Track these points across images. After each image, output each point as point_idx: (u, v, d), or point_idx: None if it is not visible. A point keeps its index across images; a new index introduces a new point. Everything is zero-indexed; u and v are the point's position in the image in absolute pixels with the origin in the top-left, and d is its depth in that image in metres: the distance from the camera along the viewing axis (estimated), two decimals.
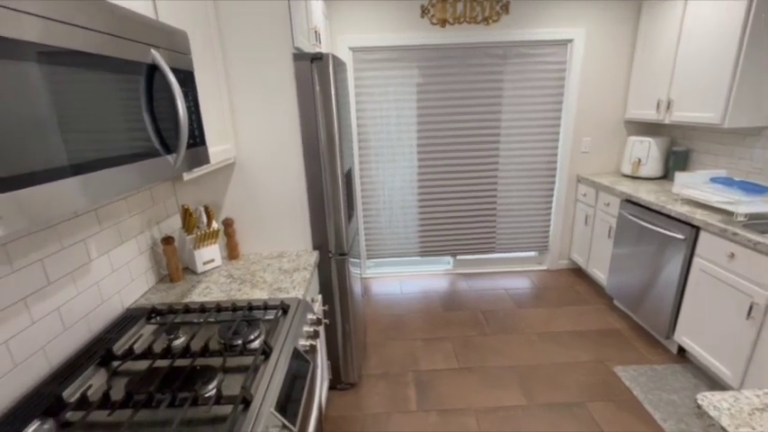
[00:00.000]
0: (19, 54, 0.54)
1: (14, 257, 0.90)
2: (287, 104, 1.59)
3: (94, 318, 1.15)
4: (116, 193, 0.74)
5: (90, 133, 0.68)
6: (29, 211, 0.56)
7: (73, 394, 0.91)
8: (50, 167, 0.60)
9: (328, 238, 1.78)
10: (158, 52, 0.87)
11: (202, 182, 1.66)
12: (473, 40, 2.84)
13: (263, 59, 1.53)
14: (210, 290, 1.41)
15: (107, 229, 1.21)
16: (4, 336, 0.87)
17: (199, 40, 1.31)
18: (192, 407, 0.84)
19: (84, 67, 0.66)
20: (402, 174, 3.17)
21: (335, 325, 1.91)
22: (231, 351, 1.01)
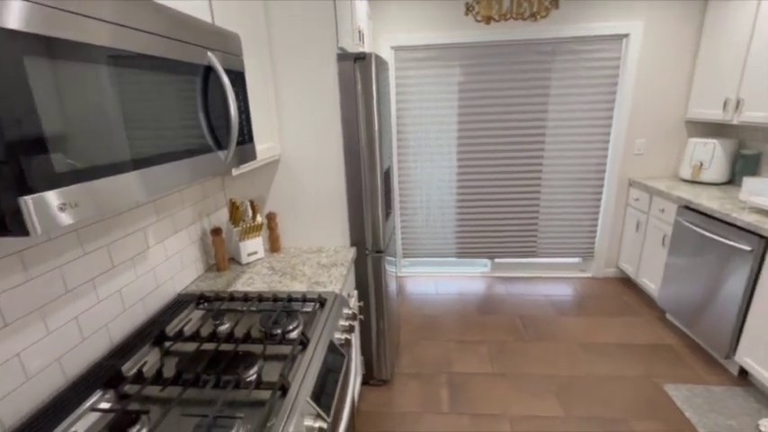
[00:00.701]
0: (92, 57, 0.60)
1: (86, 242, 1.00)
2: (329, 103, 1.63)
3: (150, 300, 1.24)
4: (172, 187, 0.80)
5: (150, 130, 0.74)
6: (98, 200, 0.62)
7: (130, 369, 0.99)
8: (116, 161, 0.65)
9: (365, 235, 1.80)
10: (214, 54, 0.93)
11: (249, 177, 1.74)
12: (519, 36, 2.75)
13: (309, 60, 1.58)
14: (253, 280, 1.48)
15: (163, 219, 1.31)
16: (74, 312, 0.96)
17: (250, 42, 1.38)
18: (234, 389, 0.88)
19: (147, 69, 0.72)
20: (440, 173, 3.14)
21: (370, 321, 1.93)
22: (271, 339, 1.06)
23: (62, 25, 0.54)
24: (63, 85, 0.55)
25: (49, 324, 0.90)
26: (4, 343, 0.80)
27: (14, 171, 0.50)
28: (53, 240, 0.91)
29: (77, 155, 0.58)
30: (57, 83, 0.54)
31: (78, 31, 0.57)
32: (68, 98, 0.56)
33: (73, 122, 0.57)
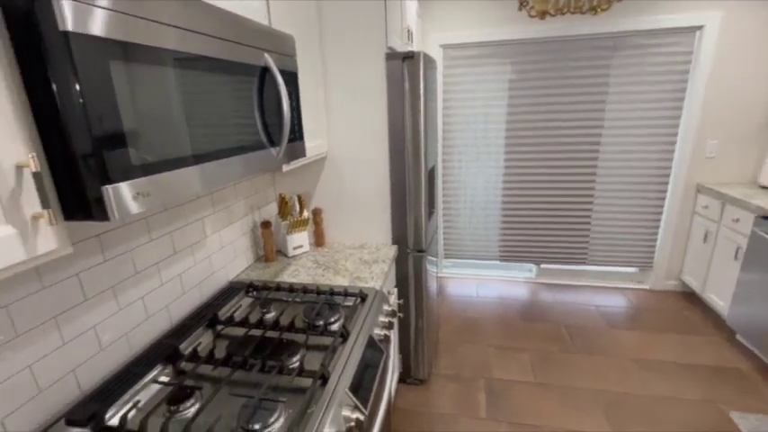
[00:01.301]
0: (161, 60, 0.65)
1: (152, 229, 1.09)
2: (377, 102, 1.65)
3: (205, 286, 1.33)
4: (228, 180, 0.85)
5: (210, 128, 0.79)
6: (165, 191, 0.68)
7: (187, 348, 1.07)
8: (180, 156, 0.71)
9: (407, 233, 1.81)
10: (270, 56, 0.98)
11: (297, 173, 1.81)
12: (577, 31, 2.61)
13: (358, 59, 1.61)
14: (298, 272, 1.54)
15: (219, 211, 1.40)
16: (142, 292, 1.06)
17: (302, 43, 1.43)
18: (278, 375, 0.93)
19: (208, 70, 0.77)
20: (486, 174, 3.06)
21: (409, 320, 1.94)
22: (313, 330, 1.10)
23: (137, 31, 0.60)
24: (136, 85, 0.61)
25: (120, 301, 1.00)
26: (84, 316, 0.90)
27: (99, 163, 0.56)
28: (126, 227, 1.01)
29: (148, 150, 0.64)
30: (131, 84, 0.60)
31: (150, 36, 0.63)
32: (141, 98, 0.62)
33: (144, 120, 0.63)
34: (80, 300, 0.89)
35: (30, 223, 0.53)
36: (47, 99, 0.54)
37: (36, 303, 0.80)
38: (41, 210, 0.53)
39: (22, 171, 0.52)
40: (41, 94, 0.54)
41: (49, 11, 0.49)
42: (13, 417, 0.77)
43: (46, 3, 0.49)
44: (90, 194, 0.57)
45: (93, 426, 0.80)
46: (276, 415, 0.81)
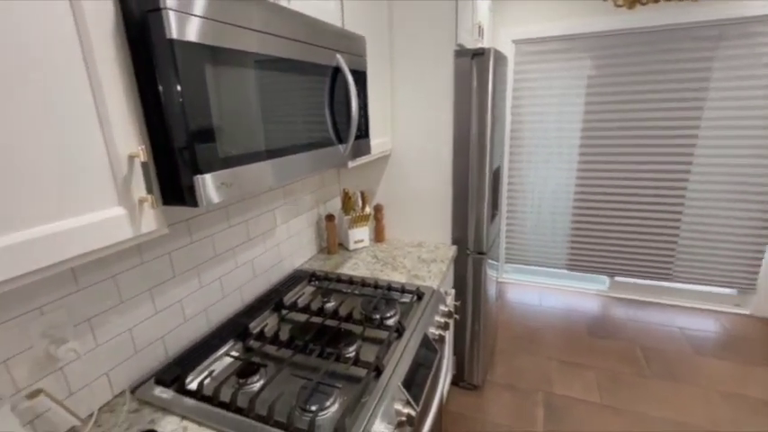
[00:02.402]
0: (243, 62, 0.71)
1: (231, 217, 1.20)
2: (443, 100, 1.64)
3: (273, 272, 1.43)
4: (299, 175, 0.91)
5: (283, 124, 0.84)
6: (244, 182, 0.74)
7: (255, 328, 1.16)
8: (257, 151, 0.77)
9: (468, 234, 1.77)
10: (342, 56, 1.02)
11: (362, 170, 1.86)
12: (673, 20, 2.34)
13: (426, 57, 1.61)
14: (358, 266, 1.59)
15: (288, 203, 1.49)
16: (219, 273, 1.17)
17: (372, 42, 1.46)
18: (335, 362, 0.97)
19: (284, 71, 0.83)
20: (556, 176, 2.88)
21: (465, 322, 1.90)
22: (370, 323, 1.13)
23: (226, 36, 0.66)
24: (223, 86, 0.67)
25: (201, 280, 1.11)
26: (173, 290, 1.02)
27: (192, 155, 0.63)
28: (209, 213, 1.12)
29: (231, 144, 0.70)
30: (219, 84, 0.66)
31: (237, 41, 0.69)
32: (226, 97, 0.68)
33: (228, 117, 0.69)
34: (170, 276, 1.01)
35: (137, 206, 0.62)
36: (153, 99, 0.62)
37: (136, 276, 0.93)
38: (146, 194, 0.62)
39: (132, 161, 0.60)
40: (149, 95, 0.62)
41: (160, 21, 0.57)
42: (116, 370, 0.90)
43: (158, 14, 0.56)
44: (184, 183, 0.64)
45: (176, 387, 0.90)
46: (332, 399, 0.85)
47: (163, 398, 0.88)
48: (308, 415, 0.81)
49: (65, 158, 0.52)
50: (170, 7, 0.57)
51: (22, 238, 0.48)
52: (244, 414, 0.82)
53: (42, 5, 0.49)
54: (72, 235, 0.53)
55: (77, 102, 0.53)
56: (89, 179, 0.56)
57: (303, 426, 0.78)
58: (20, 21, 0.47)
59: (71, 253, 0.53)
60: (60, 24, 0.51)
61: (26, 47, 0.47)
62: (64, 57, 0.51)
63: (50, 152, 0.51)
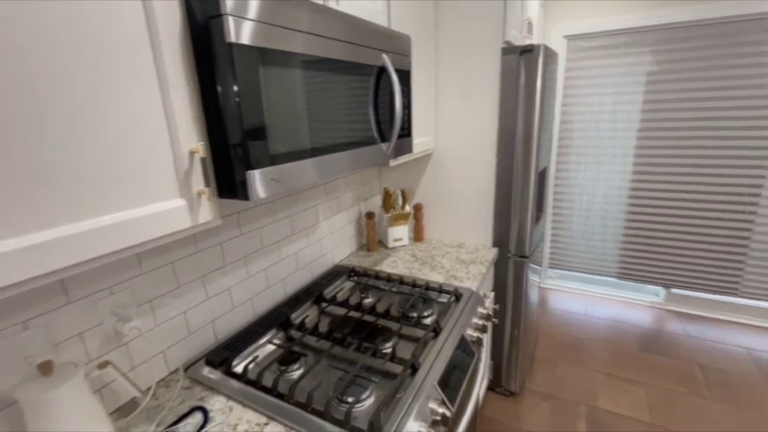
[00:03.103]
0: (291, 63, 0.74)
1: (277, 211, 1.26)
2: (488, 99, 1.60)
3: (315, 266, 1.48)
4: (342, 172, 0.93)
5: (327, 123, 0.87)
6: (290, 179, 0.77)
7: (296, 318, 1.21)
8: (304, 149, 0.80)
9: (510, 237, 1.72)
10: (387, 56, 1.03)
11: (403, 169, 1.87)
12: (751, 10, 2.12)
13: (471, 55, 1.58)
14: (396, 264, 1.60)
15: (330, 200, 1.53)
16: (265, 264, 1.23)
17: (417, 41, 1.46)
18: (372, 357, 0.99)
19: (331, 71, 0.85)
20: (608, 179, 2.72)
21: (504, 327, 1.85)
22: (407, 321, 1.14)
23: (276, 38, 0.69)
24: (273, 86, 0.70)
25: (248, 270, 1.17)
26: (222, 279, 1.09)
27: (245, 152, 0.67)
28: (257, 207, 1.18)
29: (279, 142, 0.74)
30: (270, 84, 0.70)
31: (287, 43, 0.72)
32: (275, 97, 0.71)
33: (277, 116, 0.72)
34: (221, 265, 1.08)
35: (195, 198, 0.66)
36: (212, 98, 0.66)
37: (191, 263, 1.00)
38: (204, 187, 0.66)
39: (193, 156, 0.65)
40: (209, 95, 0.66)
41: (220, 26, 0.61)
42: (171, 349, 0.97)
43: (219, 20, 0.60)
44: (237, 177, 0.68)
45: (223, 369, 0.96)
46: (368, 393, 0.87)
47: (211, 378, 0.94)
48: (345, 406, 0.83)
49: (140, 154, 0.58)
50: (230, 13, 0.60)
51: (104, 223, 0.54)
52: (284, 399, 0.85)
53: (120, 16, 0.54)
54: (142, 222, 0.58)
55: (150, 100, 0.59)
56: (157, 172, 0.61)
57: (339, 416, 0.80)
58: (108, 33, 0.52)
59: (141, 238, 0.58)
60: (137, 34, 0.56)
61: (113, 54, 0.53)
62: (141, 61, 0.57)
63: (130, 148, 0.56)
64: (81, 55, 0.50)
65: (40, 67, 0.46)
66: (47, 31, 0.47)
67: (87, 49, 0.51)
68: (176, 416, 0.84)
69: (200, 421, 0.82)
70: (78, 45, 0.50)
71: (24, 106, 0.46)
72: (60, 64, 0.48)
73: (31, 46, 0.45)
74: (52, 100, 0.48)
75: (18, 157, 0.46)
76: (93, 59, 0.51)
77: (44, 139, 0.48)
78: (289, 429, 0.80)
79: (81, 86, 0.51)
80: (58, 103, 0.48)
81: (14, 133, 0.45)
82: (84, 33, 0.50)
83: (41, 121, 0.47)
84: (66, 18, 0.48)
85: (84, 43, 0.50)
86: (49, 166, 0.48)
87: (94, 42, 0.51)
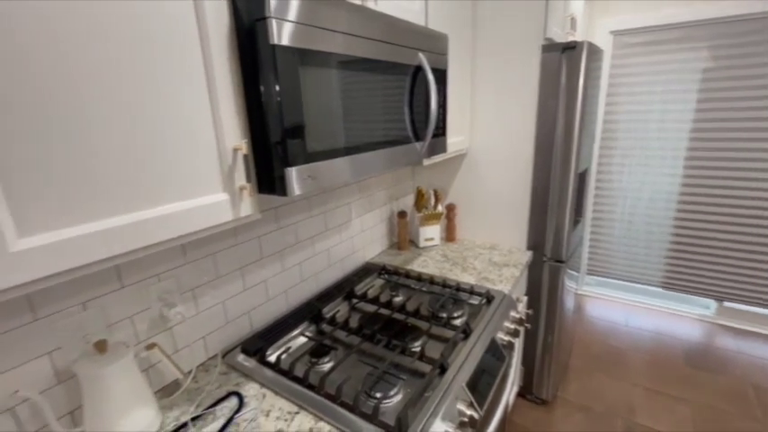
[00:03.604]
0: (328, 63, 0.76)
1: (312, 207, 1.29)
2: (526, 97, 1.56)
3: (346, 262, 1.51)
4: (376, 171, 0.94)
5: (362, 122, 0.88)
6: (326, 176, 0.79)
7: (327, 312, 1.24)
8: (339, 147, 0.81)
9: (546, 240, 1.67)
10: (424, 55, 1.03)
11: (436, 168, 1.86)
12: None
13: (510, 53, 1.55)
14: (427, 264, 1.59)
15: (363, 198, 1.55)
16: (299, 259, 1.27)
17: (454, 40, 1.45)
18: (400, 354, 0.99)
19: (367, 70, 0.86)
20: (655, 182, 2.56)
21: (537, 332, 1.80)
22: (436, 321, 1.13)
23: (315, 39, 0.71)
24: (311, 86, 0.72)
25: (283, 264, 1.21)
26: (259, 271, 1.13)
27: (284, 149, 0.69)
28: (293, 203, 1.22)
29: (316, 140, 0.76)
30: (308, 84, 0.72)
31: (324, 43, 0.73)
32: (313, 96, 0.73)
33: (315, 115, 0.74)
34: (258, 257, 1.13)
35: (237, 193, 0.70)
36: (255, 98, 0.69)
37: (231, 255, 1.05)
38: (245, 183, 0.70)
39: (236, 153, 0.68)
40: (252, 94, 0.69)
41: (265, 28, 0.63)
42: (210, 336, 1.03)
43: (264, 22, 0.63)
44: (276, 174, 0.71)
45: (257, 358, 1.00)
46: (396, 389, 0.87)
47: (246, 366, 0.99)
48: (373, 401, 0.85)
49: (190, 149, 0.62)
50: (274, 16, 0.63)
51: (158, 213, 0.58)
52: (314, 391, 0.88)
53: (176, 19, 0.58)
54: (191, 214, 0.62)
55: (199, 99, 0.62)
56: (203, 168, 0.65)
57: (367, 410, 0.81)
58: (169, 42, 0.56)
59: (188, 229, 0.62)
60: (189, 36, 0.59)
61: (168, 54, 0.57)
62: (192, 61, 0.60)
63: (182, 144, 0.60)
64: (143, 54, 0.54)
65: (107, 66, 0.51)
66: (116, 35, 0.51)
67: (148, 49, 0.55)
68: (214, 399, 0.89)
69: (235, 405, 0.86)
70: (140, 45, 0.54)
71: (97, 102, 0.50)
72: (126, 62, 0.52)
73: (101, 46, 0.50)
74: (119, 96, 0.52)
75: (85, 149, 0.50)
76: (153, 58, 0.55)
77: (109, 131, 0.52)
78: (318, 420, 0.82)
79: (143, 84, 0.55)
80: (124, 100, 0.53)
81: (83, 124, 0.49)
82: (146, 35, 0.54)
83: (108, 115, 0.51)
84: (133, 20, 0.52)
85: (146, 43, 0.54)
86: (113, 158, 0.53)
87: (154, 42, 0.55)
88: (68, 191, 0.49)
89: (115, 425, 0.74)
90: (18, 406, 0.70)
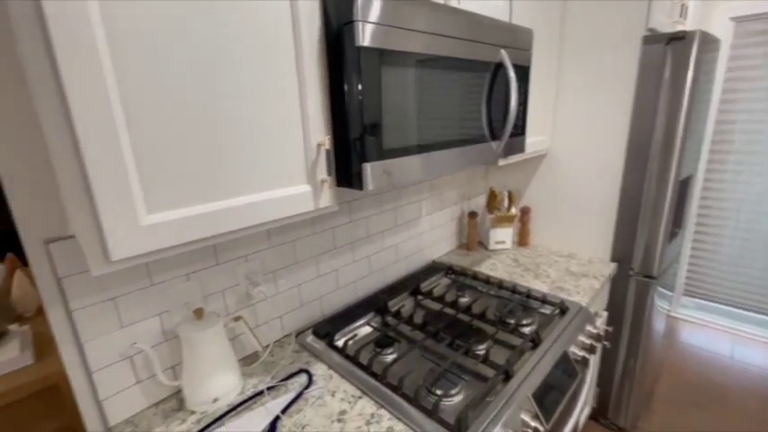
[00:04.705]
0: (407, 62, 0.77)
1: (383, 203, 1.33)
2: (619, 95, 1.42)
3: (413, 259, 1.52)
4: (449, 169, 0.94)
5: (436, 120, 0.88)
6: (399, 173, 0.81)
7: (393, 306, 1.27)
8: (413, 145, 0.83)
9: (634, 252, 1.51)
10: (506, 52, 1.00)
11: (512, 169, 1.79)
12: None
13: (603, 46, 1.42)
14: (496, 267, 1.54)
15: (433, 196, 1.55)
16: (368, 252, 1.32)
17: (540, 33, 1.37)
18: (463, 355, 0.98)
19: (446, 68, 0.86)
20: None
21: (617, 353, 1.64)
22: (503, 326, 1.10)
23: (397, 40, 0.73)
24: (389, 84, 0.74)
25: (354, 255, 1.27)
26: (331, 260, 1.20)
27: (362, 146, 0.73)
28: (366, 198, 1.26)
29: (392, 138, 0.78)
30: (387, 83, 0.74)
31: (406, 43, 0.75)
32: (390, 95, 0.75)
33: (391, 113, 0.76)
34: (330, 247, 1.19)
35: (318, 185, 0.75)
36: (338, 96, 0.73)
37: (307, 243, 1.13)
38: (327, 176, 0.75)
39: (320, 148, 0.74)
40: (335, 92, 0.74)
41: (352, 31, 0.67)
42: (286, 316, 1.12)
43: (351, 26, 0.67)
44: (354, 169, 0.75)
45: (326, 341, 1.07)
46: (457, 389, 0.87)
47: (316, 347, 1.06)
48: (433, 397, 0.85)
49: (282, 142, 0.68)
50: (361, 19, 0.66)
51: (253, 200, 0.66)
52: (377, 379, 0.91)
53: (276, 21, 0.64)
54: (280, 202, 0.69)
55: (291, 95, 0.68)
56: (291, 161, 0.71)
57: (428, 405, 0.82)
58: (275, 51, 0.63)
59: (275, 216, 0.69)
60: (286, 37, 0.66)
61: (269, 52, 0.64)
62: (287, 60, 0.67)
63: (276, 136, 0.67)
64: (250, 52, 0.62)
65: (222, 60, 0.58)
66: (232, 33, 0.58)
67: (256, 47, 0.62)
68: (287, 373, 0.97)
69: (305, 382, 0.93)
70: (250, 43, 0.61)
71: (228, 102, 0.58)
72: (237, 58, 0.60)
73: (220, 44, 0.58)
74: (242, 94, 0.60)
75: (211, 144, 0.58)
76: (268, 59, 0.64)
77: (232, 129, 0.60)
78: (379, 407, 0.85)
79: (259, 84, 0.63)
80: (247, 99, 0.61)
81: (213, 122, 0.58)
82: (263, 40, 0.62)
83: (235, 114, 0.59)
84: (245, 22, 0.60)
85: (254, 42, 0.62)
86: (232, 153, 0.62)
87: (268, 47, 0.63)
88: (190, 178, 0.58)
89: (206, 383, 0.84)
90: (135, 355, 0.84)
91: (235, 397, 0.89)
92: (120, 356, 0.81)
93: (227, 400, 0.87)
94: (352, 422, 0.81)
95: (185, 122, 0.56)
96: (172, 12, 0.52)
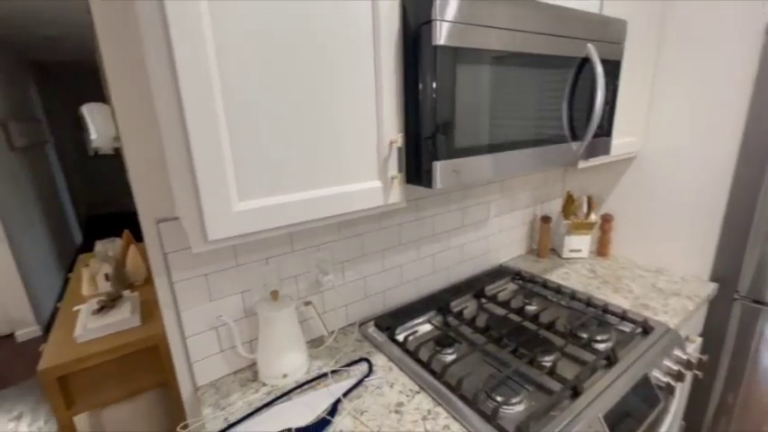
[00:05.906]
0: (482, 59, 0.75)
1: (450, 202, 1.32)
2: (733, 91, 1.24)
3: (479, 261, 1.49)
4: (523, 170, 0.90)
5: (513, 119, 0.85)
6: (469, 172, 0.80)
7: (455, 307, 1.26)
8: (485, 144, 0.81)
9: (741, 273, 1.31)
10: (593, 45, 0.93)
11: (593, 172, 1.66)
12: None
13: (712, 36, 1.25)
14: (569, 276, 1.45)
15: (504, 198, 1.50)
16: (433, 251, 1.32)
17: (635, 24, 1.25)
18: (527, 365, 0.94)
19: (524, 65, 0.82)
20: None
21: (712, 385, 1.44)
22: (574, 339, 1.03)
23: (474, 37, 0.72)
24: (463, 83, 0.73)
25: (418, 253, 1.28)
26: (396, 256, 1.23)
27: (434, 144, 0.73)
28: (433, 197, 1.27)
29: (463, 137, 0.77)
30: (461, 81, 0.73)
31: (482, 40, 0.73)
32: (464, 93, 0.74)
33: (464, 112, 0.75)
34: (396, 243, 1.22)
35: (389, 181, 0.78)
36: (412, 94, 0.75)
37: (374, 237, 1.16)
38: (397, 173, 0.77)
39: (392, 145, 0.76)
40: (410, 92, 0.75)
41: (430, 31, 0.68)
42: (350, 306, 1.17)
43: (429, 25, 0.68)
44: (424, 167, 0.76)
45: (388, 334, 1.10)
46: (519, 398, 0.84)
47: (377, 339, 1.09)
48: (493, 402, 0.83)
49: (358, 138, 0.72)
50: (439, 18, 0.67)
51: (331, 192, 0.71)
52: (435, 377, 0.92)
53: (357, 21, 0.67)
54: (353, 196, 0.73)
55: (368, 93, 0.72)
56: (365, 158, 0.74)
57: (486, 410, 0.81)
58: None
59: (348, 209, 0.73)
60: (366, 37, 0.69)
61: (351, 50, 0.67)
62: (365, 58, 0.70)
63: (353, 132, 0.71)
64: (340, 52, 0.66)
65: (307, 59, 0.63)
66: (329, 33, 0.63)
67: (345, 48, 0.67)
68: (349, 360, 1.02)
69: (365, 371, 0.97)
70: (342, 44, 0.66)
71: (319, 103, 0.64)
72: (329, 59, 0.65)
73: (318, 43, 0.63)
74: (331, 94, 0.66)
75: (302, 141, 0.64)
76: (352, 58, 0.68)
77: (323, 127, 0.65)
78: (437, 404, 0.85)
79: (344, 84, 0.68)
80: (335, 98, 0.67)
81: (304, 122, 0.63)
82: (347, 35, 0.67)
83: (315, 105, 0.65)
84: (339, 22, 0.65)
85: (345, 42, 0.66)
86: (319, 150, 0.67)
87: (350, 41, 0.67)
88: (279, 171, 0.64)
89: (278, 358, 0.92)
90: (220, 327, 0.94)
91: (302, 375, 0.96)
92: (209, 327, 0.92)
93: (294, 378, 0.94)
94: (409, 415, 0.83)
95: (279, 122, 0.62)
96: (285, 11, 0.59)
